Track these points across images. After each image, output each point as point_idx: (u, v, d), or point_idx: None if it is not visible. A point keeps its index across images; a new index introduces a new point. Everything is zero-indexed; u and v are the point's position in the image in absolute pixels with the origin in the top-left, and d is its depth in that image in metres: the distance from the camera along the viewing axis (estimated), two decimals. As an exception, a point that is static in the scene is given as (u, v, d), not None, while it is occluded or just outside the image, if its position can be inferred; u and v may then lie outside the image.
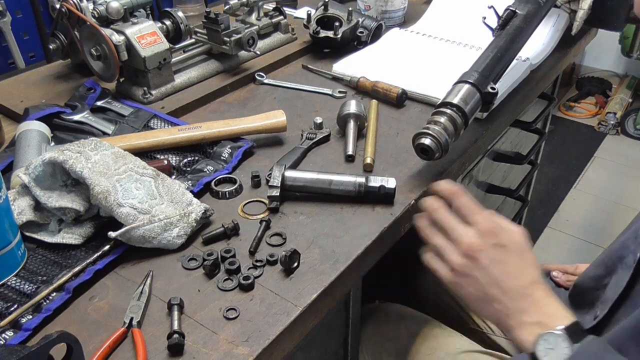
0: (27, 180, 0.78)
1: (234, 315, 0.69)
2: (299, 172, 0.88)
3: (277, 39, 1.31)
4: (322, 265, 0.76)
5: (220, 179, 0.90)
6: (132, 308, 0.69)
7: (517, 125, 1.37)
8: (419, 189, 0.90)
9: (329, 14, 1.28)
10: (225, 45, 1.16)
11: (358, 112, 1.00)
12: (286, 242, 0.80)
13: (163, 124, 1.02)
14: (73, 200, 0.78)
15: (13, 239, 0.73)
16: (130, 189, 0.77)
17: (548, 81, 1.37)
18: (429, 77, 1.17)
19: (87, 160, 0.77)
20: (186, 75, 1.15)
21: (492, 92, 0.94)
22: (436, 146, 0.86)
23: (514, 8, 1.07)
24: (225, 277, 0.74)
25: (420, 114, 1.09)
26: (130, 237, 0.75)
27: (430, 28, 1.37)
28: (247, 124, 0.99)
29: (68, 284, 0.71)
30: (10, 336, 0.65)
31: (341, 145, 1.00)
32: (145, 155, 0.93)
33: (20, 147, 0.91)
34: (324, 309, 0.75)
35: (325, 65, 1.25)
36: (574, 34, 1.29)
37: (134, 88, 1.10)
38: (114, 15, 1.06)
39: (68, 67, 1.23)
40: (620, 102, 3.24)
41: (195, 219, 0.79)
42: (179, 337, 0.64)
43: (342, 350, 0.98)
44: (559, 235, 2.50)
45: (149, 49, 1.05)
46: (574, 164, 2.94)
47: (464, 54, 1.25)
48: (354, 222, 0.83)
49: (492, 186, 1.42)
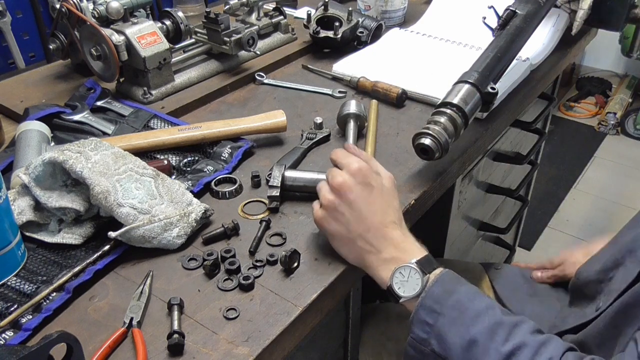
0: (27, 180, 0.77)
1: (234, 315, 0.69)
2: (299, 172, 0.87)
3: (277, 39, 1.31)
4: (322, 265, 0.76)
5: (220, 179, 0.90)
6: (132, 308, 0.69)
7: (517, 125, 1.37)
8: (419, 189, 0.90)
9: (329, 14, 1.28)
10: (225, 45, 1.16)
11: (358, 112, 1.00)
12: (286, 242, 0.80)
13: (163, 124, 1.02)
14: (73, 200, 0.78)
15: (13, 239, 0.73)
16: (130, 189, 0.77)
17: (548, 81, 1.37)
18: (429, 77, 1.17)
19: (87, 160, 0.77)
20: (186, 75, 1.15)
21: (492, 92, 0.94)
22: (436, 146, 0.86)
23: (514, 8, 1.07)
24: (225, 277, 0.74)
25: (420, 114, 1.09)
26: (130, 237, 0.75)
27: (430, 28, 1.37)
28: (247, 124, 0.99)
29: (68, 284, 0.71)
30: (10, 336, 0.65)
31: (341, 145, 0.99)
32: (145, 155, 0.93)
33: (20, 147, 0.91)
34: (324, 309, 0.75)
35: (325, 65, 1.25)
36: (574, 34, 1.29)
37: (134, 88, 1.10)
38: (114, 15, 1.06)
39: (68, 67, 1.23)
40: (620, 102, 3.24)
41: (195, 219, 0.79)
42: (179, 337, 0.64)
43: (342, 350, 0.98)
44: (559, 235, 2.50)
45: (149, 49, 1.05)
46: (574, 164, 2.94)
47: (464, 54, 1.25)
48: (354, 222, 0.83)
49: (492, 186, 1.42)
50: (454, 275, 0.73)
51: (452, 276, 0.73)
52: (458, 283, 0.72)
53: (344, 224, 0.74)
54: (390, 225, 0.75)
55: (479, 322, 0.68)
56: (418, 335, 0.71)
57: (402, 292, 0.72)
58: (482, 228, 1.49)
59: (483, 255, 1.61)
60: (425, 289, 0.71)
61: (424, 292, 0.71)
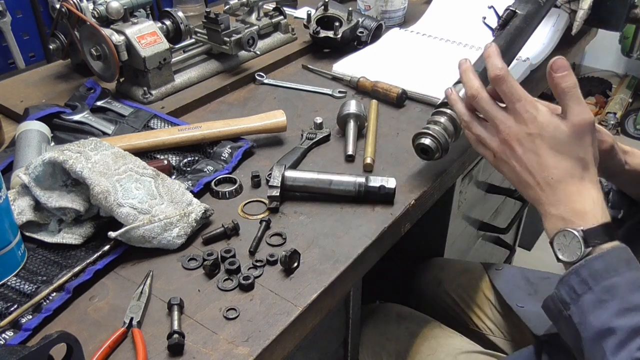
0: (27, 180, 0.77)
1: (234, 315, 0.69)
2: (299, 172, 0.87)
3: (277, 39, 1.31)
4: (322, 265, 0.76)
5: (220, 179, 0.90)
6: (132, 308, 0.69)
7: (517, 125, 1.37)
8: (419, 189, 0.90)
9: (329, 14, 1.28)
10: (225, 45, 1.16)
11: (358, 112, 1.00)
12: (286, 242, 0.80)
13: (163, 124, 1.02)
14: (73, 200, 0.78)
15: (13, 239, 0.73)
16: (130, 189, 0.77)
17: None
18: (429, 77, 1.17)
19: (87, 160, 0.77)
20: (186, 75, 1.15)
21: (492, 92, 0.94)
22: (436, 146, 0.86)
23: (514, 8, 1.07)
24: (225, 277, 0.74)
25: (420, 114, 1.09)
26: (130, 237, 0.75)
27: (430, 28, 1.37)
28: (247, 124, 0.99)
29: (68, 284, 0.71)
30: (10, 336, 0.65)
31: (341, 145, 1.00)
32: (145, 155, 0.93)
33: (20, 147, 0.91)
34: (324, 309, 0.75)
35: (325, 65, 1.25)
36: (574, 34, 1.29)
37: (134, 88, 1.10)
38: (114, 15, 1.06)
39: (68, 67, 1.23)
40: (620, 102, 3.24)
41: (195, 219, 0.79)
42: (179, 337, 0.64)
43: (342, 350, 0.98)
44: (559, 235, 2.49)
45: (149, 49, 1.05)
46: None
47: (464, 54, 1.24)
48: (354, 222, 0.83)
49: (492, 186, 1.42)
50: (626, 255, 0.65)
51: (622, 255, 0.65)
52: (627, 266, 0.64)
53: (516, 176, 0.72)
54: (563, 180, 0.69)
55: (626, 317, 0.61)
56: (561, 295, 0.66)
57: (560, 254, 0.67)
58: (482, 228, 1.49)
59: (483, 255, 1.61)
60: (585, 259, 0.64)
61: (582, 260, 0.64)
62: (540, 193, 0.70)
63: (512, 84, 0.72)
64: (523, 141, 0.71)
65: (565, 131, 0.69)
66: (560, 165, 0.69)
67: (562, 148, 0.69)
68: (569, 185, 0.68)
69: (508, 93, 0.72)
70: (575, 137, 0.69)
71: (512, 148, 0.72)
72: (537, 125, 0.70)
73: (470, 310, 1.19)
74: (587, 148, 0.69)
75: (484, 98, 0.75)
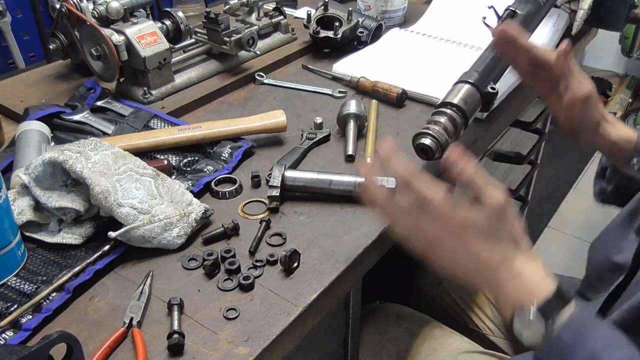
0: (27, 180, 0.77)
1: (234, 315, 0.69)
2: (299, 172, 0.88)
3: (277, 39, 1.31)
4: (322, 265, 0.76)
5: (220, 179, 0.90)
6: (132, 308, 0.69)
7: (517, 125, 1.37)
8: (419, 189, 0.90)
9: (329, 14, 1.28)
10: (225, 45, 1.16)
11: (358, 112, 1.00)
12: (286, 242, 0.80)
13: (163, 124, 1.02)
14: (73, 200, 0.78)
15: (13, 239, 0.73)
16: (130, 189, 0.77)
17: (548, 81, 1.37)
18: (429, 77, 1.17)
19: (87, 160, 0.77)
20: (186, 75, 1.15)
21: (492, 92, 0.94)
22: (436, 146, 0.86)
23: (514, 8, 1.07)
24: (225, 277, 0.74)
25: (420, 114, 1.09)
26: (130, 237, 0.75)
27: (430, 28, 1.37)
28: (247, 124, 0.99)
29: (68, 284, 0.71)
30: (10, 336, 0.65)
31: (341, 145, 1.00)
32: (145, 155, 0.93)
33: (20, 147, 0.91)
34: (324, 309, 0.75)
35: (325, 65, 1.25)
36: (574, 34, 1.29)
37: (134, 88, 1.10)
38: (114, 15, 1.06)
39: (68, 67, 1.23)
40: (620, 102, 3.24)
41: (195, 219, 0.79)
42: (179, 337, 0.64)
43: (342, 350, 0.98)
44: (559, 235, 2.50)
45: (149, 49, 1.05)
46: (574, 164, 2.94)
47: (464, 54, 1.25)
48: (354, 222, 0.83)
49: (492, 186, 1.42)
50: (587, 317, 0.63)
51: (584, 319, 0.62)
52: (592, 327, 0.61)
53: (455, 269, 0.68)
54: (505, 264, 0.65)
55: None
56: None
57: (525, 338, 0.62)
58: (482, 228, 1.48)
59: (483, 255, 1.61)
60: (552, 336, 0.61)
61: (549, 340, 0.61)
62: (487, 282, 0.67)
63: (417, 185, 0.67)
64: (449, 242, 0.66)
65: (485, 219, 0.65)
66: (494, 252, 0.65)
67: (488, 236, 0.65)
68: (508, 268, 0.65)
69: (418, 195, 0.67)
70: (497, 220, 0.65)
71: (440, 249, 0.67)
72: (456, 223, 0.65)
73: (470, 310, 1.19)
74: (511, 224, 0.66)
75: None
